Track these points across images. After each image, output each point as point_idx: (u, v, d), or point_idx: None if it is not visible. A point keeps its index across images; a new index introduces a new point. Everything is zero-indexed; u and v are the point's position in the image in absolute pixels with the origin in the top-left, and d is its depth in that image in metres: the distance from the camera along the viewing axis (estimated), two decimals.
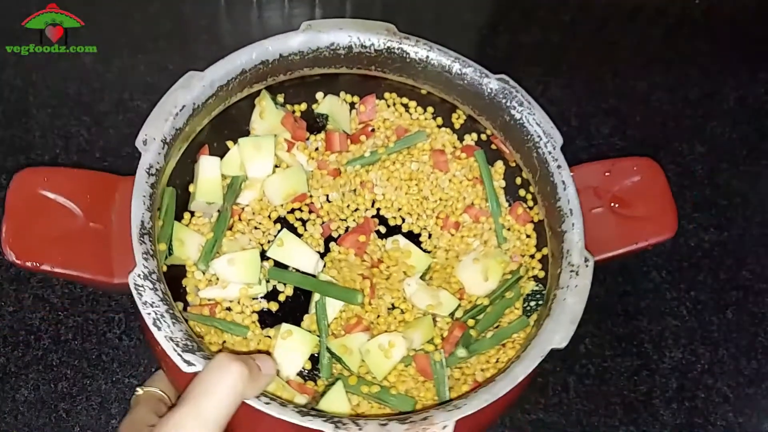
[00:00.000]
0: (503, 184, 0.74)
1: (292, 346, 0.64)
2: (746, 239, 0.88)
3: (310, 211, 0.73)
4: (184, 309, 0.66)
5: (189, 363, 0.54)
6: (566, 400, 0.76)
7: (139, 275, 0.57)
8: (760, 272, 0.86)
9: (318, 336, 0.66)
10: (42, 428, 0.71)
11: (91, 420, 0.71)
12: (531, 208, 0.72)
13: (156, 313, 0.56)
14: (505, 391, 0.56)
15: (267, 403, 0.53)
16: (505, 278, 0.69)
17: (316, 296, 0.67)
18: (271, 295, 0.69)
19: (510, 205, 0.73)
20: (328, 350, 0.64)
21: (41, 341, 0.74)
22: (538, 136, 0.68)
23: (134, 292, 0.56)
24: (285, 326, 0.64)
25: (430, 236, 0.73)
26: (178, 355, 0.54)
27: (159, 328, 0.55)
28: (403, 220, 0.73)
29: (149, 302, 0.56)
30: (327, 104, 0.76)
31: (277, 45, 0.71)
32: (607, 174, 0.70)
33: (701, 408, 0.78)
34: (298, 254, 0.69)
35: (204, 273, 0.67)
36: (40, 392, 0.72)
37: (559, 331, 0.59)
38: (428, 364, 0.64)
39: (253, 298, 0.68)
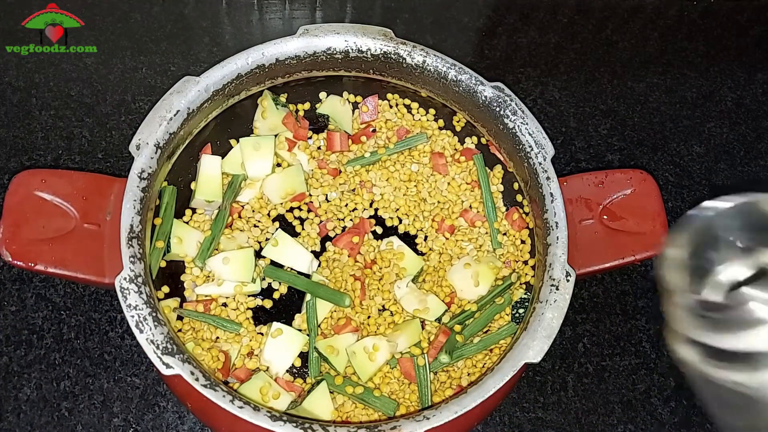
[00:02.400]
0: (501, 188, 0.75)
1: (282, 345, 0.65)
2: None
3: (309, 210, 0.74)
4: (181, 305, 0.67)
5: (168, 366, 0.55)
6: (565, 398, 0.77)
7: (125, 278, 0.58)
8: None
9: (308, 335, 0.66)
10: (44, 427, 0.71)
11: (93, 419, 0.72)
12: (527, 214, 0.72)
13: (139, 316, 0.57)
14: (475, 403, 0.57)
15: (240, 407, 0.54)
16: (497, 284, 0.69)
17: (308, 296, 0.68)
18: (267, 292, 0.69)
19: (507, 210, 0.74)
20: (316, 350, 0.65)
21: (44, 340, 0.75)
22: (530, 146, 0.68)
23: (119, 295, 0.58)
24: (276, 325, 0.65)
25: (426, 238, 0.73)
26: (158, 357, 0.56)
27: (141, 331, 0.57)
28: (400, 221, 0.74)
29: (133, 305, 0.57)
30: (329, 105, 0.76)
31: (273, 50, 0.71)
32: (600, 185, 0.70)
33: (699, 407, 0.78)
34: (293, 254, 0.69)
35: (201, 270, 0.68)
36: (43, 391, 0.72)
37: (534, 346, 0.59)
38: (412, 368, 0.65)
39: (249, 296, 0.69)
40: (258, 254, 0.70)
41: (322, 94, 0.77)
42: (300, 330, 0.67)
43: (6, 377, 0.73)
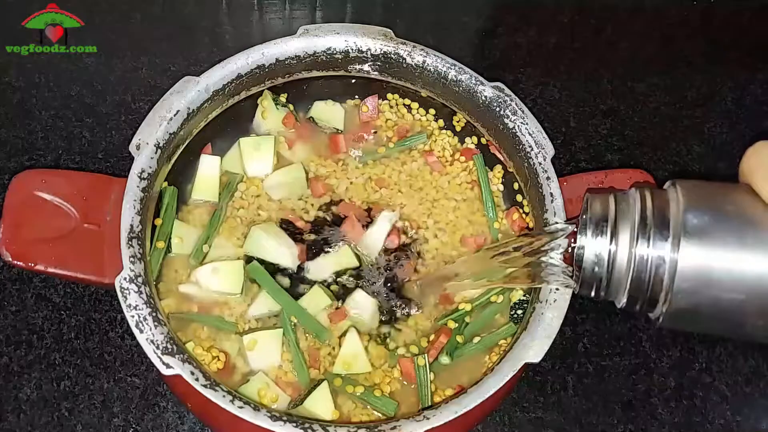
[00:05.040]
0: (501, 188, 0.75)
1: (262, 350, 0.64)
2: None
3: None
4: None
5: (168, 366, 0.55)
6: (565, 398, 0.77)
7: (125, 278, 0.58)
8: None
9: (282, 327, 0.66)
10: (44, 427, 0.71)
11: (94, 419, 0.72)
12: (527, 214, 0.72)
13: (139, 316, 0.57)
14: (475, 403, 0.56)
15: (240, 407, 0.54)
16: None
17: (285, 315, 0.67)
18: None
19: (507, 210, 0.74)
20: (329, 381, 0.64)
21: (44, 340, 0.75)
22: (530, 146, 0.68)
23: (119, 295, 0.58)
24: (246, 338, 0.65)
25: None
26: (158, 357, 0.56)
27: (141, 331, 0.57)
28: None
29: (133, 305, 0.57)
30: (315, 109, 0.76)
31: (273, 50, 0.71)
32: (600, 185, 0.69)
33: (699, 406, 0.78)
34: (275, 248, 0.68)
35: (193, 270, 0.67)
36: (43, 391, 0.72)
37: (533, 346, 0.59)
38: (412, 368, 0.64)
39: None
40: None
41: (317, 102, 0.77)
42: (272, 317, 0.66)
43: (6, 377, 0.73)
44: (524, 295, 0.69)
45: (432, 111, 0.78)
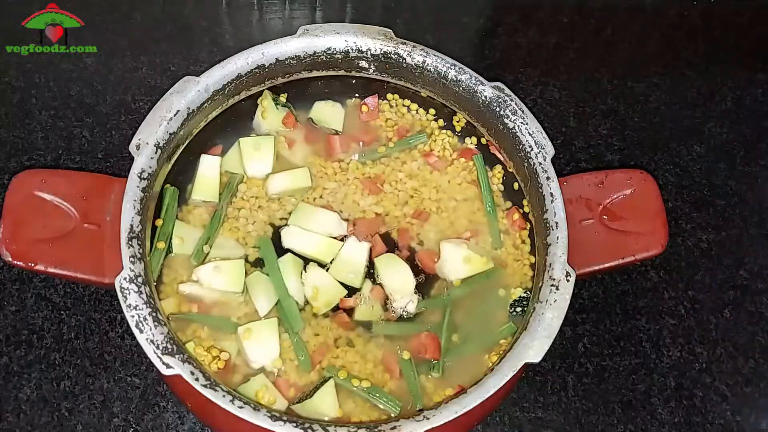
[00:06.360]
0: (501, 188, 0.75)
1: (258, 341, 0.64)
2: (744, 239, 0.88)
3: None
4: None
5: (168, 366, 0.55)
6: (565, 398, 0.77)
7: (125, 278, 0.58)
8: (757, 272, 0.86)
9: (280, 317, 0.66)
10: (44, 427, 0.71)
11: (93, 419, 0.72)
12: (527, 214, 0.72)
13: (139, 316, 0.57)
14: (475, 403, 0.56)
15: (240, 407, 0.54)
16: (480, 275, 0.69)
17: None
18: None
19: (507, 210, 0.74)
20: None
21: (44, 340, 0.75)
22: (530, 146, 0.68)
23: (119, 295, 0.58)
24: (241, 329, 0.64)
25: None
26: (158, 357, 0.56)
27: (141, 331, 0.57)
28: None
29: (133, 305, 0.57)
30: (315, 110, 0.76)
31: (273, 50, 0.71)
32: (600, 185, 0.70)
33: (699, 407, 0.78)
34: (321, 219, 0.70)
35: (195, 266, 0.68)
36: (43, 391, 0.73)
37: (534, 345, 0.59)
38: (395, 362, 0.64)
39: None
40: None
41: (316, 102, 0.77)
42: (269, 308, 0.66)
43: (6, 377, 0.73)
44: (524, 293, 0.69)
45: (432, 111, 0.78)
